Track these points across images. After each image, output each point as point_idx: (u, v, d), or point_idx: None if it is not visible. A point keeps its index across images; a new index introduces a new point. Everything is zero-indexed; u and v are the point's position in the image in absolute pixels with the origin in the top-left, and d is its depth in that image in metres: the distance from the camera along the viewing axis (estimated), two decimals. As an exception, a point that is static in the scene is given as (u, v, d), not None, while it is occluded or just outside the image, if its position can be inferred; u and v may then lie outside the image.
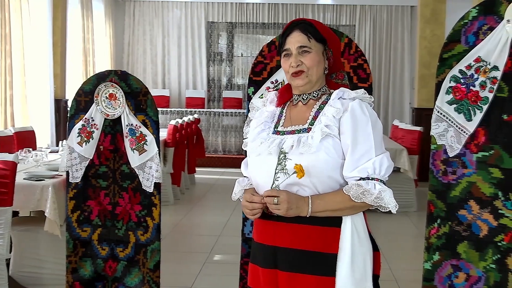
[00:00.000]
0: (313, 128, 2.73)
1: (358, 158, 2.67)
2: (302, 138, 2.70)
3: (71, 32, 12.52)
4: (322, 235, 2.70)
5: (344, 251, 2.69)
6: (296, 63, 2.77)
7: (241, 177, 3.03)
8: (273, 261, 2.76)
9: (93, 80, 4.64)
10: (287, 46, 2.80)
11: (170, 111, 15.09)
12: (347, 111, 2.71)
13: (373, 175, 2.67)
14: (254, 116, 2.99)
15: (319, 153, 2.66)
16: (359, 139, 2.68)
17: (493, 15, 3.46)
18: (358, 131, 2.69)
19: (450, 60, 3.56)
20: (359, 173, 2.67)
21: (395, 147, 9.54)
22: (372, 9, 15.91)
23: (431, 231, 3.62)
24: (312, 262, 2.70)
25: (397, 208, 2.68)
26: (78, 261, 4.72)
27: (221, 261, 6.95)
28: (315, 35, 2.79)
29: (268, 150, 2.74)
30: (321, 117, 2.74)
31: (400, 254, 7.35)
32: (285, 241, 2.72)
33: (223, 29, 16.66)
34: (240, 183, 3.00)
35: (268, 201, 2.64)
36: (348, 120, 2.69)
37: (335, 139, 2.70)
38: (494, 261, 3.49)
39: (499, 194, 3.47)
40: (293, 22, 2.84)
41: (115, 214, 4.65)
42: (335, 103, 2.74)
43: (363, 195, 2.64)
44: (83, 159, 4.61)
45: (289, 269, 2.72)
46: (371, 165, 2.67)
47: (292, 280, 2.72)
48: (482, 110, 3.46)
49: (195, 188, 11.76)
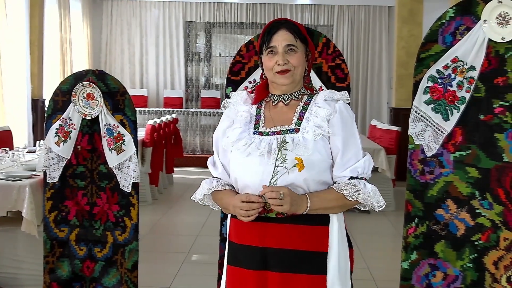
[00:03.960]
0: (301, 128, 2.75)
1: (350, 158, 2.74)
2: (295, 139, 2.71)
3: (48, 31, 12.44)
4: (312, 234, 2.72)
5: (333, 249, 2.74)
6: (283, 61, 2.77)
7: (208, 178, 3.00)
8: (262, 262, 2.75)
9: (71, 79, 4.61)
10: (273, 43, 2.80)
11: (148, 111, 15.05)
12: (336, 112, 2.75)
13: (362, 175, 2.75)
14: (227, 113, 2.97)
15: (314, 153, 2.69)
16: (348, 140, 2.75)
17: (470, 15, 3.47)
18: (347, 132, 2.75)
19: (427, 60, 3.57)
20: (351, 172, 2.74)
21: (373, 146, 9.57)
22: (350, 9, 15.94)
23: (408, 230, 3.63)
24: (304, 261, 2.71)
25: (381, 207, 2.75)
26: (56, 262, 4.69)
27: (199, 261, 6.94)
28: (300, 36, 2.81)
29: (259, 152, 2.73)
30: (310, 117, 2.76)
31: (378, 253, 7.37)
32: (275, 242, 2.72)
33: (201, 28, 16.63)
34: (208, 183, 2.94)
35: (272, 196, 2.61)
36: (338, 121, 2.75)
37: (325, 139, 2.73)
38: (471, 260, 3.51)
39: (476, 194, 3.49)
40: (278, 21, 2.85)
41: (92, 214, 4.63)
42: (323, 104, 2.77)
43: (357, 194, 2.70)
44: (61, 159, 4.59)
45: (281, 270, 2.72)
46: (362, 165, 2.75)
47: (284, 280, 2.72)
48: (459, 110, 3.48)
49: (173, 188, 11.74)
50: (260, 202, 2.65)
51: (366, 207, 2.78)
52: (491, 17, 3.42)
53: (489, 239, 3.47)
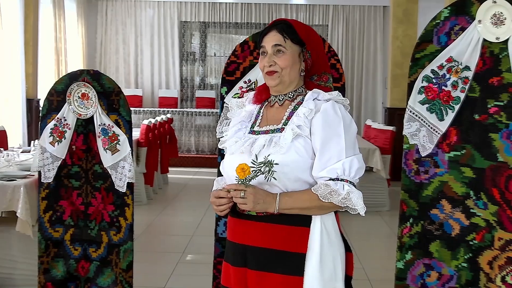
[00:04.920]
0: (286, 128, 2.74)
1: (328, 159, 2.67)
2: (274, 138, 2.71)
3: (43, 31, 12.42)
4: (291, 234, 2.70)
5: (313, 251, 2.70)
6: (269, 63, 2.77)
7: (220, 176, 3.04)
8: (242, 259, 2.77)
9: (66, 79, 4.61)
10: (263, 44, 2.81)
11: (143, 111, 15.05)
12: (319, 111, 2.71)
13: (343, 176, 2.67)
14: (233, 115, 2.99)
15: (289, 153, 2.67)
16: (329, 140, 2.68)
17: (465, 15, 3.48)
18: (329, 132, 2.68)
19: (422, 60, 3.58)
20: (327, 173, 2.67)
21: (367, 146, 9.58)
22: (344, 9, 15.95)
23: (403, 230, 3.63)
24: (281, 261, 2.70)
25: (365, 210, 2.68)
26: (50, 262, 4.69)
27: (194, 261, 6.94)
28: (291, 36, 2.78)
29: (240, 149, 2.76)
30: (294, 117, 2.75)
31: (373, 253, 7.39)
32: (254, 240, 2.73)
33: (196, 28, 16.62)
34: (218, 181, 3.01)
35: (234, 194, 2.63)
36: (319, 120, 2.70)
37: (306, 139, 2.70)
38: (466, 260, 3.51)
39: (471, 194, 3.49)
40: (274, 22, 2.84)
41: (87, 214, 4.63)
42: (308, 104, 2.74)
43: (331, 195, 2.63)
44: (55, 159, 4.58)
45: (258, 268, 2.72)
46: (341, 166, 2.67)
47: (260, 279, 2.72)
48: (454, 110, 3.48)
49: (168, 188, 11.73)
50: (228, 198, 2.67)
51: (352, 211, 2.72)
52: (485, 17, 3.43)
53: (484, 239, 3.47)
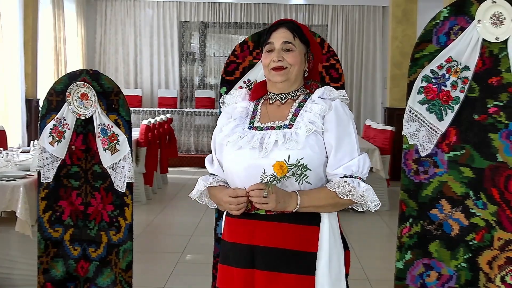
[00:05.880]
0: (295, 124, 2.74)
1: (343, 156, 2.71)
2: (287, 134, 2.71)
3: (42, 31, 12.42)
4: (302, 233, 2.70)
5: (323, 250, 2.71)
6: (278, 58, 2.77)
7: (204, 175, 3.00)
8: (249, 260, 2.74)
9: (65, 79, 4.61)
10: (271, 40, 2.81)
11: (142, 111, 15.06)
12: (331, 109, 2.74)
13: (357, 173, 2.72)
14: (226, 110, 2.98)
15: (305, 149, 2.67)
16: (343, 137, 2.72)
17: (464, 15, 3.47)
18: (342, 130, 2.72)
19: (421, 60, 3.57)
20: (344, 170, 2.70)
21: (367, 146, 9.58)
22: (344, 9, 15.96)
23: (403, 230, 3.63)
24: (292, 261, 2.69)
25: (376, 207, 2.72)
26: (50, 262, 4.68)
27: (193, 261, 6.94)
28: (300, 35, 2.81)
29: (251, 145, 2.73)
30: (304, 113, 2.75)
31: (372, 253, 7.38)
32: (263, 240, 2.71)
33: (195, 28, 16.62)
34: (204, 180, 2.93)
35: (257, 194, 2.61)
36: (332, 118, 2.72)
37: (318, 136, 2.72)
38: (465, 260, 3.51)
39: (470, 193, 3.48)
40: (281, 20, 2.86)
41: (87, 214, 4.62)
42: (319, 101, 2.76)
43: (350, 192, 2.67)
44: (55, 159, 4.58)
45: (268, 269, 2.70)
46: (356, 163, 2.71)
47: (271, 279, 2.70)
48: (453, 110, 3.48)
49: (168, 188, 11.73)
50: (246, 196, 2.66)
51: (362, 208, 2.76)
52: (485, 17, 3.42)
53: (483, 239, 3.47)
